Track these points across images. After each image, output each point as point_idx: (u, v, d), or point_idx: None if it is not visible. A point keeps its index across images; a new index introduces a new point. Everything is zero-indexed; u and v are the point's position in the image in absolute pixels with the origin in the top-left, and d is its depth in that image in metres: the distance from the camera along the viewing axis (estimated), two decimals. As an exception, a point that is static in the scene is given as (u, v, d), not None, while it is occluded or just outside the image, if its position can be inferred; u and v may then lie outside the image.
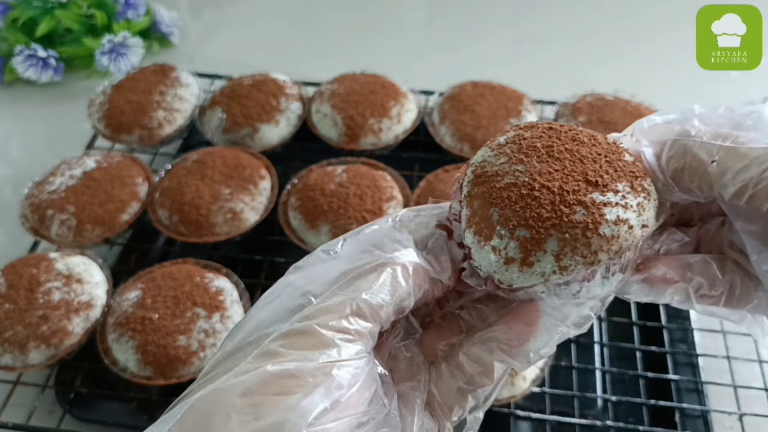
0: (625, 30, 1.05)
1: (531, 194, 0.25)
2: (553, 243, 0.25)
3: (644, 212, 0.26)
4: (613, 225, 0.25)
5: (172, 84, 0.80)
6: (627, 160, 0.27)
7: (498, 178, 0.26)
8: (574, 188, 0.25)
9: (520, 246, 0.25)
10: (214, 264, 0.62)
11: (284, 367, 0.22)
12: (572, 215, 0.25)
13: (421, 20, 1.14)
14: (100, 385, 0.58)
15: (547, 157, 0.26)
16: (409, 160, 0.75)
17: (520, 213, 0.25)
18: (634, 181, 0.26)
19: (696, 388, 0.57)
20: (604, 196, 0.25)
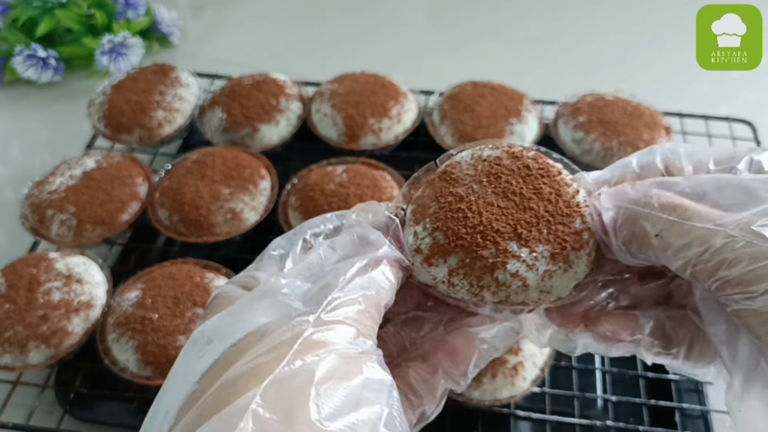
0: (625, 30, 1.05)
1: (465, 213, 0.28)
2: (453, 259, 0.28)
3: (549, 280, 0.27)
4: (509, 276, 0.27)
5: (172, 84, 0.80)
6: (573, 227, 0.28)
7: (455, 183, 0.30)
8: (500, 229, 0.28)
9: (431, 246, 0.28)
10: (214, 264, 0.62)
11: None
12: (482, 249, 0.27)
13: (421, 20, 1.14)
14: (100, 385, 0.58)
15: (501, 192, 0.29)
16: (409, 160, 0.75)
17: (448, 220, 0.28)
18: (561, 250, 0.27)
19: (696, 388, 0.57)
20: (519, 249, 0.27)
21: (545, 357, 0.56)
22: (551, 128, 0.76)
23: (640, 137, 0.71)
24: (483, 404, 0.54)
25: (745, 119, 0.78)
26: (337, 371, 0.21)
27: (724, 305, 0.23)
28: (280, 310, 0.23)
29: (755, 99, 0.90)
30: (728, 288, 0.23)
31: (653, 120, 0.73)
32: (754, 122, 0.78)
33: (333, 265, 0.26)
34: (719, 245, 0.23)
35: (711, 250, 0.23)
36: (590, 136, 0.71)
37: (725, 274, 0.23)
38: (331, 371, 0.21)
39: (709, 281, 0.23)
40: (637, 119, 0.72)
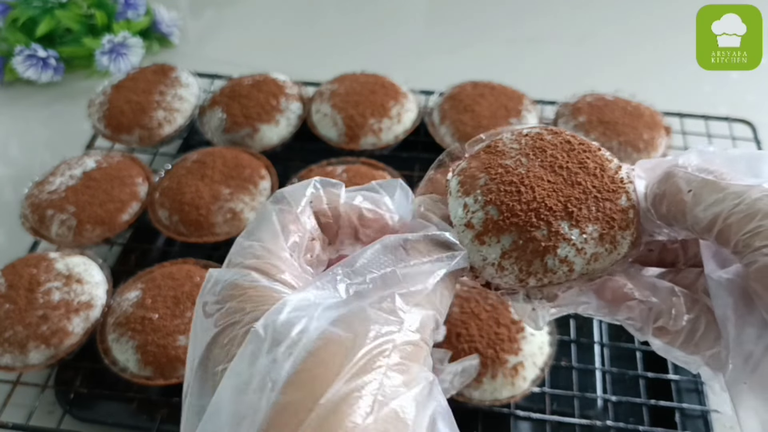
0: (625, 30, 1.05)
1: (517, 185, 0.27)
2: (507, 239, 0.26)
3: (595, 263, 0.27)
4: (558, 261, 0.26)
5: (172, 84, 0.80)
6: (620, 204, 0.27)
7: (502, 156, 0.28)
8: (552, 206, 0.26)
9: (485, 221, 0.27)
10: (214, 264, 0.62)
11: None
12: (536, 229, 0.26)
13: (421, 20, 1.14)
14: (100, 385, 0.58)
15: (549, 166, 0.28)
16: (409, 160, 0.75)
17: (501, 193, 0.27)
18: (609, 229, 0.27)
19: (696, 388, 0.57)
20: (571, 230, 0.26)
21: (545, 357, 0.56)
22: (551, 128, 0.76)
23: (640, 137, 0.71)
24: (483, 404, 0.54)
25: (745, 119, 0.78)
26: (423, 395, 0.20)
27: (747, 265, 0.23)
28: (354, 315, 0.21)
29: (755, 99, 0.90)
30: (757, 240, 0.22)
31: (653, 120, 0.73)
32: (754, 122, 0.78)
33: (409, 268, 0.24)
34: (755, 197, 0.23)
35: (746, 202, 0.23)
36: (590, 136, 0.71)
37: (757, 224, 0.22)
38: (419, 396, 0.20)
39: (739, 235, 0.23)
40: (637, 119, 0.72)
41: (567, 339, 0.60)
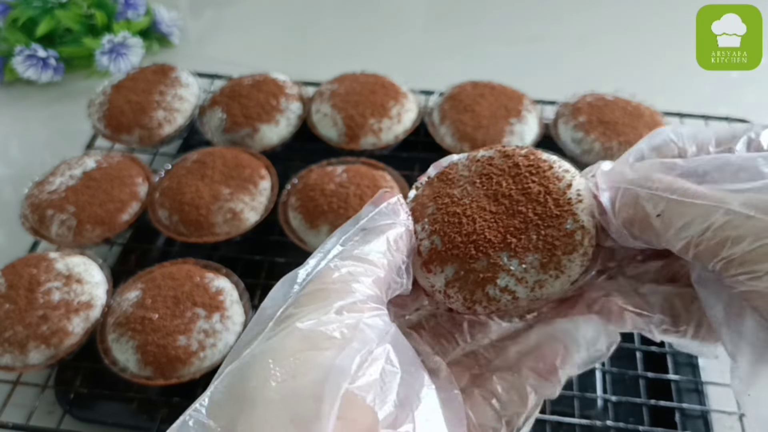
0: (625, 30, 1.05)
1: (460, 216, 0.28)
2: (450, 270, 0.28)
3: (540, 290, 0.27)
4: (498, 291, 0.27)
5: (172, 84, 0.80)
6: (564, 228, 0.27)
7: (451, 184, 0.29)
8: (491, 238, 0.27)
9: (430, 250, 0.28)
10: (214, 264, 0.62)
11: (312, 324, 0.22)
12: (475, 261, 0.27)
13: (421, 20, 1.14)
14: (100, 385, 0.58)
15: (492, 195, 0.28)
16: (409, 160, 0.75)
17: (445, 224, 0.28)
18: (550, 257, 0.27)
19: (696, 388, 0.57)
20: (510, 261, 0.27)
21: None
22: (551, 128, 0.76)
23: (640, 137, 0.70)
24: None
25: (745, 119, 0.78)
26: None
27: (730, 287, 0.22)
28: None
29: (755, 99, 0.90)
30: (732, 268, 0.22)
31: (653, 120, 0.73)
32: (754, 122, 0.78)
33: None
34: (721, 222, 0.22)
35: (713, 228, 0.22)
36: (590, 136, 0.71)
37: (729, 253, 0.22)
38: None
39: (713, 262, 0.22)
40: (637, 119, 0.72)
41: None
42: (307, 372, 0.20)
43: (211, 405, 0.20)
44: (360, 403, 0.21)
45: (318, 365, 0.21)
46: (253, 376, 0.21)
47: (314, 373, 0.20)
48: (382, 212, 0.27)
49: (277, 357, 0.21)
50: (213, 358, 0.55)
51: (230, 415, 0.20)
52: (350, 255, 0.25)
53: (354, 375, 0.21)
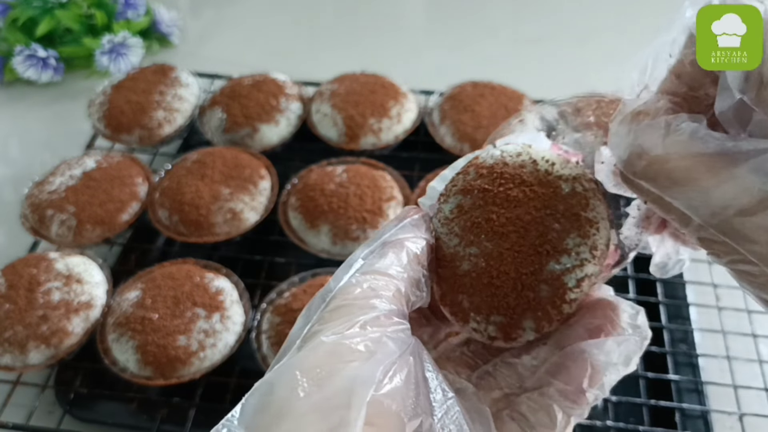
0: (625, 30, 1.05)
1: (492, 282, 0.27)
2: (529, 322, 0.27)
3: (597, 250, 0.27)
4: (575, 289, 0.27)
5: (171, 84, 0.80)
6: (564, 194, 0.27)
7: (456, 263, 0.28)
8: (531, 269, 0.26)
9: (498, 328, 0.27)
10: (214, 264, 0.62)
11: (337, 338, 0.22)
12: (538, 295, 0.26)
13: (421, 20, 1.14)
14: (100, 385, 0.58)
15: (492, 234, 0.27)
16: (409, 160, 0.75)
17: (488, 301, 0.27)
18: (579, 224, 0.26)
19: (696, 388, 0.57)
20: (559, 263, 0.26)
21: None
22: (551, 128, 0.76)
23: (640, 137, 0.70)
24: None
25: (745, 119, 0.78)
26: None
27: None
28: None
29: (755, 99, 0.90)
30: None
31: (653, 120, 0.73)
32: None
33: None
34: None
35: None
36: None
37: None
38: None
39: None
40: (637, 119, 0.72)
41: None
42: (333, 382, 0.21)
43: (243, 415, 0.21)
44: (387, 410, 0.21)
45: (344, 376, 0.21)
46: (282, 388, 0.21)
47: (341, 383, 0.21)
48: (404, 227, 0.28)
49: (303, 369, 0.22)
50: (213, 358, 0.55)
51: (261, 424, 0.21)
52: (371, 269, 0.25)
53: (379, 384, 0.21)
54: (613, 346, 0.27)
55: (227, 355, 0.56)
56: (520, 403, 0.27)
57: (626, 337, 0.28)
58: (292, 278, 0.62)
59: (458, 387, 0.27)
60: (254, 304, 0.60)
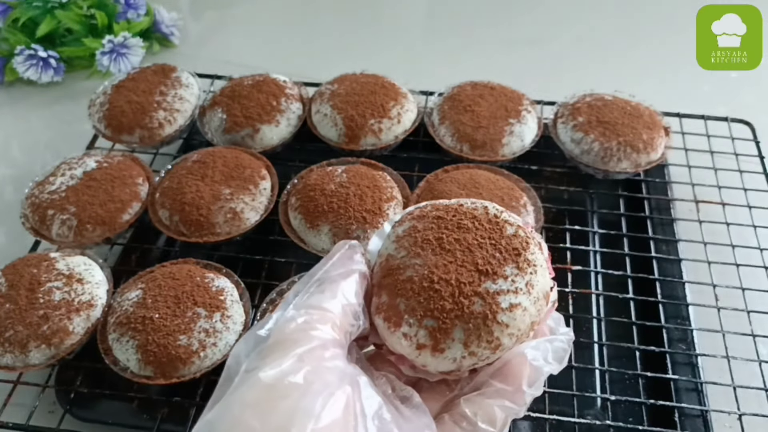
0: (624, 30, 1.05)
1: (432, 287, 0.28)
2: (459, 332, 0.28)
3: (533, 289, 0.29)
4: (508, 312, 0.28)
5: (172, 84, 0.80)
6: (509, 234, 0.30)
7: (400, 270, 0.30)
8: (469, 280, 0.28)
9: (429, 334, 0.28)
10: (215, 264, 0.62)
11: (275, 373, 0.23)
12: (472, 306, 0.28)
13: (421, 20, 1.14)
14: (101, 385, 0.58)
15: (440, 250, 0.29)
16: (409, 160, 0.75)
17: (424, 304, 0.28)
18: (518, 259, 0.29)
19: (695, 387, 0.57)
20: (496, 284, 0.28)
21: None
22: (550, 128, 0.76)
23: (640, 137, 0.71)
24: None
25: (745, 119, 0.78)
26: None
27: None
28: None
29: (755, 99, 0.90)
30: None
31: (652, 120, 0.73)
32: (754, 122, 0.78)
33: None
34: None
35: None
36: (589, 136, 0.72)
37: None
38: None
39: None
40: (636, 119, 0.72)
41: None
42: (272, 420, 0.21)
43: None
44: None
45: (283, 412, 0.22)
46: (222, 429, 0.22)
47: (279, 420, 0.21)
48: (335, 263, 0.29)
49: (243, 408, 0.22)
50: (213, 357, 0.55)
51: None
52: (305, 304, 0.26)
53: (317, 417, 0.22)
54: (547, 346, 0.29)
55: (228, 355, 0.56)
56: (460, 405, 0.28)
57: (556, 337, 0.29)
58: (292, 278, 0.62)
59: (404, 395, 0.28)
60: (254, 304, 0.61)
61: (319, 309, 0.26)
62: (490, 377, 0.28)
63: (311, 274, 0.29)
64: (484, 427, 0.27)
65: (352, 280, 0.28)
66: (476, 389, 0.29)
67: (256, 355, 0.25)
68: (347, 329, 0.27)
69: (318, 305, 0.26)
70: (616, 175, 0.72)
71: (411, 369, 0.30)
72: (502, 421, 0.28)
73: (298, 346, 0.24)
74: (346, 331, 0.27)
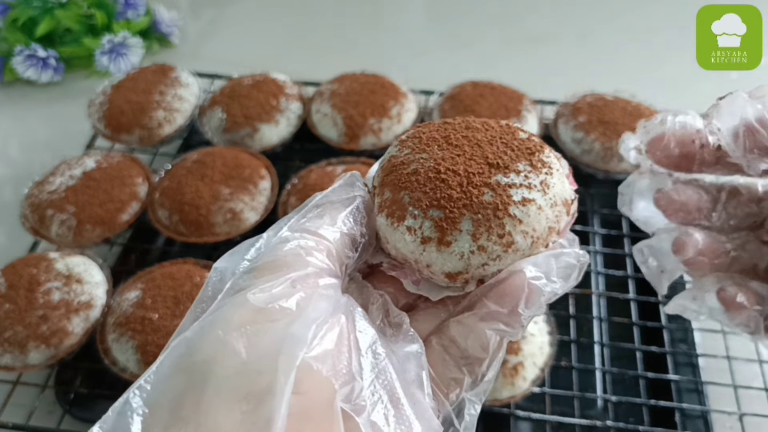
0: (625, 30, 1.05)
1: (438, 177, 0.26)
2: (467, 223, 0.26)
3: (550, 189, 0.27)
4: (521, 206, 0.26)
5: (171, 84, 0.80)
6: (521, 137, 0.28)
7: (404, 166, 0.28)
8: (479, 171, 0.26)
9: (435, 225, 0.26)
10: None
11: (266, 296, 0.21)
12: (481, 196, 0.26)
13: (421, 20, 1.14)
14: (100, 386, 0.58)
15: (446, 145, 0.28)
16: (409, 160, 0.75)
17: (430, 194, 0.26)
18: (532, 157, 0.27)
19: (696, 388, 0.57)
20: (507, 177, 0.26)
21: (545, 357, 0.56)
22: (551, 128, 0.76)
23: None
24: (483, 404, 0.54)
25: (745, 119, 0.78)
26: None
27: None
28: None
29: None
30: None
31: (653, 120, 0.73)
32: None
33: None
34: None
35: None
36: (590, 136, 0.71)
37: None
38: None
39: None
40: (637, 119, 0.72)
41: (567, 339, 0.60)
42: (261, 342, 0.19)
43: (157, 380, 0.19)
44: (317, 376, 0.20)
45: (272, 337, 0.20)
46: (202, 350, 0.20)
47: (268, 345, 0.19)
48: (336, 189, 0.27)
49: (227, 329, 0.20)
50: (213, 358, 0.55)
51: (177, 390, 0.19)
52: (301, 227, 0.24)
53: (309, 344, 0.20)
54: (551, 262, 0.25)
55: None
56: (449, 327, 0.25)
57: (564, 251, 0.26)
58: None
59: (395, 320, 0.26)
60: (254, 304, 0.60)
61: (316, 235, 0.24)
62: (484, 297, 0.25)
63: (310, 200, 0.26)
64: (474, 354, 0.25)
65: (353, 207, 0.26)
66: (469, 309, 0.25)
67: (243, 273, 0.23)
68: (343, 260, 0.25)
69: (315, 231, 0.24)
70: (617, 175, 0.72)
71: (414, 283, 0.28)
72: (495, 344, 0.25)
73: (291, 270, 0.22)
74: (342, 262, 0.25)
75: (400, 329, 0.25)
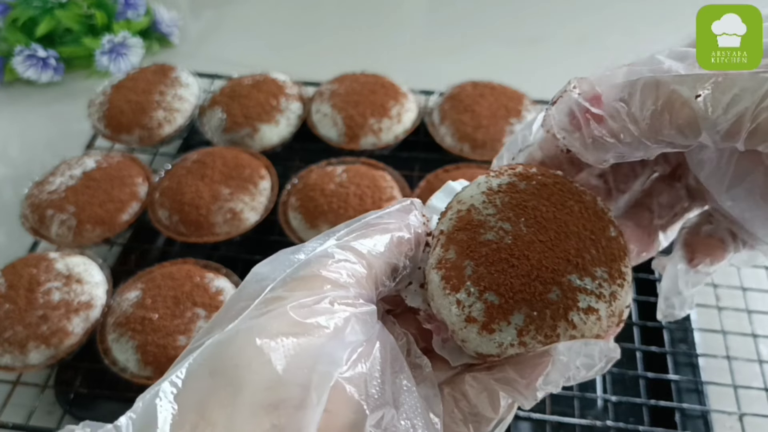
0: (625, 30, 1.05)
1: (509, 260, 0.25)
2: (519, 317, 0.24)
3: (615, 301, 0.26)
4: (582, 314, 0.25)
5: (171, 84, 0.80)
6: (611, 235, 0.26)
7: (482, 230, 0.26)
8: (554, 267, 0.25)
9: (486, 310, 0.25)
10: (214, 264, 0.62)
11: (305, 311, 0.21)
12: (546, 293, 0.24)
13: (421, 20, 1.14)
14: (100, 386, 0.58)
15: (534, 223, 0.26)
16: (409, 160, 0.75)
17: (494, 276, 0.25)
18: (612, 265, 0.26)
19: (696, 388, 0.57)
20: (582, 281, 0.25)
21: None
22: (551, 128, 0.76)
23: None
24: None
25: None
26: None
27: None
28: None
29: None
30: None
31: (653, 120, 0.73)
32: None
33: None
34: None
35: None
36: (590, 136, 0.71)
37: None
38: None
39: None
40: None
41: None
42: (295, 358, 0.19)
43: (188, 378, 0.19)
44: (348, 397, 0.20)
45: (308, 353, 0.19)
46: (237, 354, 0.19)
47: (303, 361, 0.19)
48: (391, 213, 0.26)
49: (264, 337, 0.20)
50: (213, 358, 0.55)
51: (207, 391, 0.19)
52: (348, 246, 0.24)
53: (344, 366, 0.20)
54: (580, 348, 0.25)
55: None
56: (463, 381, 0.25)
57: (595, 343, 0.26)
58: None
59: (416, 361, 0.26)
60: (254, 304, 0.60)
61: (361, 257, 0.24)
62: (506, 362, 0.25)
63: (363, 217, 0.26)
64: (484, 413, 0.24)
65: (403, 236, 0.26)
66: (487, 369, 0.26)
67: (284, 281, 0.22)
68: (380, 287, 0.25)
69: (360, 252, 0.24)
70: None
71: (442, 342, 0.27)
72: (506, 407, 0.25)
73: (332, 288, 0.22)
74: (378, 289, 0.25)
75: (420, 372, 0.25)
